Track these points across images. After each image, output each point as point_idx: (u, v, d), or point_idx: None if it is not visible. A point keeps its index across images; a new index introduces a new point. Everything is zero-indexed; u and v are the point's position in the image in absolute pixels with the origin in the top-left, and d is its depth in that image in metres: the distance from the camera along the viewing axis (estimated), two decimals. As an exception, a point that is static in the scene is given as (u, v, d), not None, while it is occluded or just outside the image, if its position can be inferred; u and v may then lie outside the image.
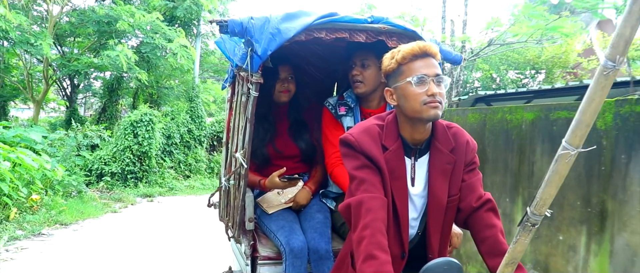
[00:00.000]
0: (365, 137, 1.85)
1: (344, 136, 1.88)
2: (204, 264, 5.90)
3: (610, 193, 3.31)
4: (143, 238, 7.09)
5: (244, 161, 2.51)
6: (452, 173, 1.92)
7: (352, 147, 1.85)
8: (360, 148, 1.83)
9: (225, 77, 3.33)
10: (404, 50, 1.81)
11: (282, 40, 2.27)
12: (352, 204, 1.77)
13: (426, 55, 1.81)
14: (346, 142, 1.87)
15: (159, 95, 16.06)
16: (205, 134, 14.65)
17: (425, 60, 1.80)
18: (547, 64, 10.96)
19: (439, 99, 1.77)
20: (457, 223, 2.02)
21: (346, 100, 2.87)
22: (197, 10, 14.05)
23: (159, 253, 6.37)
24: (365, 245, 1.64)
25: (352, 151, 1.85)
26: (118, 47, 11.92)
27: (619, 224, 3.25)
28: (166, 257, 6.19)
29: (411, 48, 1.80)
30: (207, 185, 13.29)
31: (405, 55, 1.81)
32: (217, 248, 6.46)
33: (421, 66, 1.79)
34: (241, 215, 2.68)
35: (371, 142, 1.84)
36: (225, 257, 5.99)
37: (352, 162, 1.84)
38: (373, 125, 1.91)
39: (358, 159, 1.83)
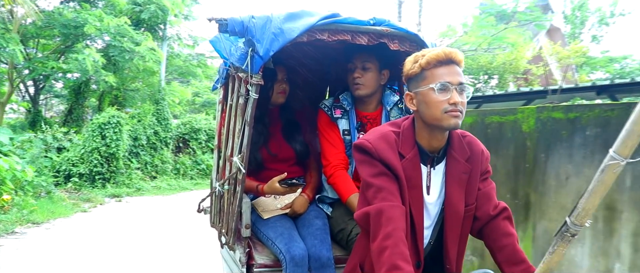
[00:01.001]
0: (383, 143, 1.78)
1: (360, 142, 1.80)
2: (176, 259, 5.97)
3: (533, 186, 3.80)
4: (115, 236, 7.15)
5: (242, 166, 2.38)
6: (468, 182, 1.86)
7: (369, 153, 1.76)
8: (378, 155, 1.75)
9: (216, 78, 3.19)
10: (428, 56, 1.74)
11: (285, 40, 2.17)
12: (371, 213, 1.69)
13: (451, 62, 1.73)
14: (363, 148, 1.78)
15: (125, 97, 15.89)
16: (171, 136, 14.63)
17: (450, 68, 1.73)
18: (499, 69, 11.66)
19: (461, 108, 1.71)
20: (472, 233, 1.95)
21: (342, 103, 2.78)
22: (163, 14, 14.01)
23: (132, 248, 6.42)
24: (388, 255, 1.57)
25: (369, 158, 1.77)
26: (86, 51, 11.83)
27: (539, 213, 3.78)
28: (140, 252, 6.24)
29: (436, 54, 1.72)
30: (174, 185, 13.30)
31: (429, 61, 1.73)
32: (188, 243, 6.62)
33: (445, 73, 1.72)
34: (236, 222, 2.56)
35: (388, 149, 1.77)
36: (197, 251, 6.17)
37: (368, 169, 1.76)
38: (389, 131, 1.83)
39: (375, 166, 1.75)
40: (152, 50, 12.97)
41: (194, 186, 13.86)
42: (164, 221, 8.45)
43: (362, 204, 1.81)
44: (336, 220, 2.73)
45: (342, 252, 2.65)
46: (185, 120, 15.92)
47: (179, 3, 14.32)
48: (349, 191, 2.60)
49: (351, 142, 2.74)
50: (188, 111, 21.46)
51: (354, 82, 2.69)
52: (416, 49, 2.42)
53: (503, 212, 1.87)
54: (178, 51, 17.15)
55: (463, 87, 1.72)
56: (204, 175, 15.09)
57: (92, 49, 12.24)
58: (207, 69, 18.53)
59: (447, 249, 1.85)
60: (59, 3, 14.67)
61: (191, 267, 5.65)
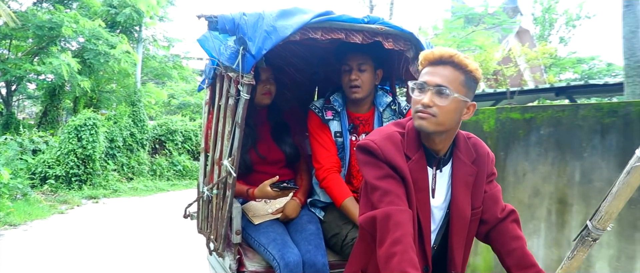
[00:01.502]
0: (389, 144, 1.70)
1: (365, 143, 1.72)
2: (157, 259, 5.96)
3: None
4: (93, 237, 7.09)
5: (232, 169, 2.28)
6: (474, 185, 1.80)
7: (374, 154, 1.69)
8: (384, 157, 1.67)
9: (202, 78, 3.06)
10: (422, 54, 1.70)
11: (278, 38, 2.08)
12: (378, 217, 1.61)
13: (441, 63, 1.66)
14: (368, 149, 1.70)
15: (100, 99, 15.70)
16: (148, 137, 14.52)
17: (437, 68, 1.66)
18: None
19: (433, 111, 1.63)
20: (478, 237, 1.89)
21: (333, 104, 2.68)
22: (138, 17, 13.89)
23: (111, 249, 6.39)
24: (397, 262, 1.50)
25: (375, 159, 1.69)
26: (62, 56, 11.68)
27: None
28: (119, 253, 6.21)
29: (426, 54, 1.69)
30: (150, 186, 13.19)
31: (422, 60, 1.71)
32: (167, 244, 6.58)
33: (428, 73, 1.67)
34: (226, 227, 2.46)
35: (395, 151, 1.69)
36: (177, 251, 6.15)
37: (374, 171, 1.68)
38: (394, 132, 1.75)
39: (381, 168, 1.67)
40: (128, 53, 12.86)
41: (170, 187, 13.76)
42: (142, 222, 8.41)
43: (366, 208, 1.74)
44: (329, 224, 2.65)
45: (336, 258, 2.55)
46: (161, 122, 15.81)
47: (154, 5, 14.19)
48: (343, 195, 2.51)
49: (343, 144, 2.67)
50: (164, 113, 21.30)
51: (351, 84, 2.59)
52: (411, 47, 2.42)
53: (511, 215, 1.83)
54: (154, 53, 17.09)
55: (442, 90, 1.63)
56: (181, 176, 15.01)
57: (68, 53, 12.12)
58: (183, 70, 18.43)
59: (452, 254, 1.79)
60: (32, 4, 14.57)
61: (173, 267, 5.66)
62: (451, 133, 1.74)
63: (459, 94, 1.63)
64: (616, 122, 3.29)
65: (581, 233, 1.49)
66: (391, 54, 2.70)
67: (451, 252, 1.79)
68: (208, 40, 2.51)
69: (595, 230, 1.41)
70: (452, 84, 1.63)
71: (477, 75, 1.67)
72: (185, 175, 15.07)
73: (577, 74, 21.49)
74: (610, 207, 1.39)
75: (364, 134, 2.68)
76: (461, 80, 1.64)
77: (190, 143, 15.85)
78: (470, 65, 1.64)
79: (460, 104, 1.66)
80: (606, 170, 3.36)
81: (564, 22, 20.51)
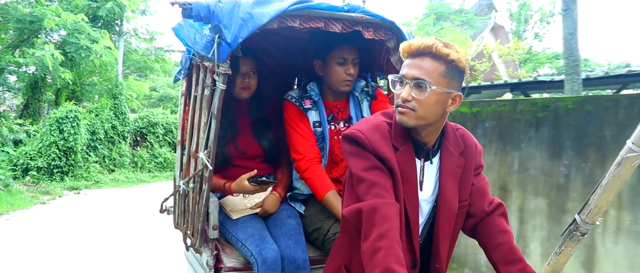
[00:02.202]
0: (376, 134, 1.62)
1: (352, 132, 1.63)
2: (138, 248, 6.09)
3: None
4: (75, 227, 7.19)
5: (208, 162, 2.20)
6: (462, 177, 1.74)
7: (361, 145, 1.60)
8: (371, 147, 1.59)
9: (178, 69, 2.94)
10: (402, 46, 1.61)
11: (255, 26, 2.00)
12: (363, 210, 1.53)
13: (419, 55, 1.58)
14: (354, 139, 1.62)
15: (82, 92, 15.63)
16: (129, 130, 14.49)
17: (415, 60, 1.58)
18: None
19: (413, 106, 1.56)
20: (464, 231, 1.83)
21: (310, 94, 2.60)
22: (120, 11, 13.84)
23: (92, 238, 6.50)
24: (381, 257, 1.43)
25: (361, 150, 1.61)
26: (45, 47, 11.57)
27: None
28: (101, 242, 6.33)
29: (404, 46, 1.60)
30: (131, 178, 13.21)
31: (401, 52, 1.62)
32: (148, 233, 6.71)
33: (407, 65, 1.59)
34: (203, 222, 2.36)
35: (382, 141, 1.62)
36: (157, 243, 6.24)
37: (360, 162, 1.60)
38: (382, 121, 1.68)
39: (368, 159, 1.59)
40: (108, 49, 12.83)
41: (151, 179, 13.80)
42: (123, 212, 8.49)
43: (350, 200, 1.66)
44: (310, 218, 2.57)
45: (317, 253, 2.49)
46: (142, 115, 15.79)
47: (136, 0, 14.19)
48: (325, 188, 2.42)
49: (323, 134, 2.59)
50: (146, 105, 21.22)
51: (348, 78, 2.52)
52: (392, 37, 2.36)
53: (498, 208, 1.77)
54: (136, 46, 17.07)
55: (419, 83, 1.55)
56: (162, 168, 15.03)
57: (51, 45, 12.01)
58: (165, 63, 18.36)
59: (438, 247, 1.72)
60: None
61: (152, 256, 5.76)
62: (437, 125, 1.67)
63: (438, 86, 1.55)
64: (548, 116, 3.66)
65: (569, 228, 1.43)
66: (372, 44, 2.64)
67: (437, 245, 1.72)
68: (183, 29, 2.39)
69: (583, 224, 1.34)
70: (431, 75, 1.55)
71: (461, 64, 1.58)
72: (167, 167, 15.09)
73: (554, 69, 22.12)
74: (599, 200, 1.32)
75: (343, 121, 2.66)
76: (441, 71, 1.55)
77: (172, 136, 15.82)
78: (451, 55, 1.55)
79: (442, 96, 1.57)
80: (539, 160, 3.73)
81: (538, 18, 21.08)
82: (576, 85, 4.92)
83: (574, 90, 4.90)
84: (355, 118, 2.65)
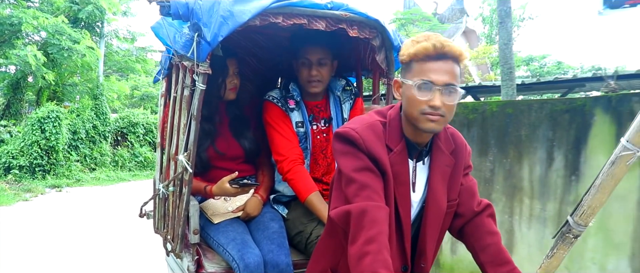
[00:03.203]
0: (370, 134, 1.55)
1: (345, 131, 1.55)
2: (120, 245, 6.28)
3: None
4: (57, 222, 7.40)
5: (188, 165, 2.12)
6: (451, 176, 1.67)
7: (355, 144, 1.53)
8: (365, 147, 1.52)
9: (158, 69, 2.83)
10: (417, 47, 1.49)
11: (235, 24, 1.91)
12: (352, 212, 1.46)
13: (444, 57, 1.47)
14: (348, 138, 1.54)
15: (63, 92, 15.77)
16: (110, 130, 14.68)
17: (441, 64, 1.47)
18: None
19: (443, 112, 1.48)
20: (451, 232, 1.77)
21: (292, 94, 2.52)
22: (100, 13, 14.01)
23: (74, 233, 6.70)
24: (369, 262, 1.37)
25: (354, 149, 1.53)
26: (28, 49, 11.73)
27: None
28: (81, 237, 6.53)
29: (425, 47, 1.47)
30: (112, 177, 13.43)
31: (417, 53, 1.49)
32: (128, 228, 6.83)
33: (432, 70, 1.47)
34: (183, 227, 2.26)
35: (376, 141, 1.54)
36: (139, 240, 6.33)
37: (352, 162, 1.52)
38: (376, 121, 1.60)
39: (360, 160, 1.52)
40: (91, 49, 12.97)
41: (132, 177, 14.01)
42: (103, 209, 8.69)
43: (338, 201, 1.59)
44: (293, 221, 2.51)
45: (300, 257, 2.41)
46: (123, 115, 15.95)
47: (116, 3, 14.30)
48: (308, 189, 2.35)
49: (305, 134, 2.54)
50: (127, 105, 21.36)
51: (311, 79, 2.47)
52: (377, 35, 2.31)
53: (487, 209, 1.71)
54: (117, 47, 17.13)
55: (451, 89, 1.47)
56: (142, 167, 15.23)
57: (34, 46, 12.20)
58: (146, 64, 18.46)
59: (424, 247, 1.65)
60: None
61: (134, 252, 5.94)
62: None
63: (460, 90, 1.50)
64: (477, 118, 4.14)
65: (561, 230, 1.40)
66: (357, 42, 2.60)
67: (423, 245, 1.66)
68: (162, 28, 2.30)
69: (576, 226, 1.31)
70: (457, 80, 1.48)
71: (464, 61, 1.53)
72: (147, 166, 15.30)
73: (530, 71, 22.87)
74: (593, 200, 1.29)
75: (323, 120, 2.61)
76: (459, 74, 1.50)
77: (152, 136, 15.99)
78: (464, 55, 1.50)
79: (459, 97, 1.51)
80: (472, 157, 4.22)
81: (509, 22, 21.73)
82: (510, 90, 5.42)
83: (508, 94, 5.42)
84: (335, 117, 2.61)
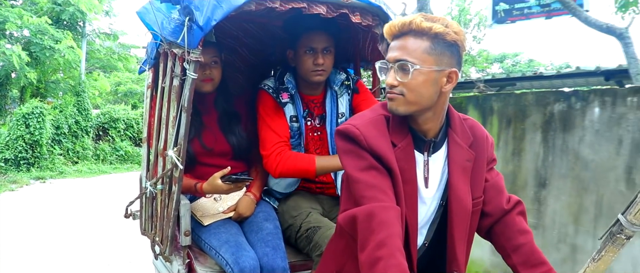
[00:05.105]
0: (373, 130, 1.43)
1: (346, 128, 1.43)
2: (102, 231, 6.59)
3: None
4: (42, 211, 7.81)
5: (178, 161, 1.96)
6: (473, 171, 1.53)
7: (357, 142, 1.41)
8: (367, 145, 1.40)
9: (143, 59, 2.59)
10: (384, 29, 1.44)
11: (230, 7, 1.77)
12: (358, 216, 1.34)
13: (401, 35, 1.40)
14: (349, 135, 1.42)
15: (46, 89, 16.14)
16: (92, 125, 15.11)
17: (398, 41, 1.40)
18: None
19: (400, 91, 1.38)
20: (479, 232, 1.62)
21: (287, 86, 2.32)
22: (82, 14, 14.42)
23: (56, 222, 7.06)
24: (382, 268, 1.23)
25: (357, 147, 1.41)
26: (14, 48, 12.10)
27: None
28: (64, 225, 6.91)
29: (387, 28, 1.42)
30: (94, 169, 13.85)
31: (385, 36, 1.45)
32: (109, 215, 7.02)
33: (389, 49, 1.42)
34: (173, 228, 2.09)
35: (379, 137, 1.42)
36: (121, 227, 6.70)
37: (355, 162, 1.41)
38: (379, 115, 1.47)
39: (364, 158, 1.40)
40: (71, 49, 13.36)
41: (113, 170, 14.42)
42: (86, 199, 9.14)
43: (348, 203, 1.48)
44: (283, 215, 2.37)
45: (297, 258, 2.27)
46: (104, 111, 16.34)
47: (96, 4, 14.66)
48: (309, 163, 2.18)
49: (300, 130, 2.35)
50: (111, 101, 21.79)
51: (317, 69, 2.26)
52: (379, 23, 2.16)
53: (517, 206, 1.57)
54: (99, 45, 17.37)
55: (402, 65, 1.37)
56: (123, 160, 15.65)
57: (19, 46, 12.55)
58: (128, 62, 18.79)
59: (454, 251, 1.51)
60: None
61: (117, 238, 6.16)
62: (436, 110, 1.45)
63: (424, 65, 1.36)
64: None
65: (611, 230, 1.28)
66: (355, 32, 2.47)
67: (452, 248, 1.51)
68: (149, 13, 2.11)
69: (630, 225, 1.19)
70: (414, 54, 1.36)
71: (450, 37, 1.37)
72: (127, 160, 15.74)
73: (503, 69, 23.85)
74: None
75: (318, 118, 2.43)
76: (425, 48, 1.37)
77: (132, 131, 16.41)
78: (434, 28, 1.35)
79: (431, 75, 1.37)
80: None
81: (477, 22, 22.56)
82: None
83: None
84: (330, 114, 2.43)
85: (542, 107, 3.62)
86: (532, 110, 3.68)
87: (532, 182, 3.70)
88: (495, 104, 3.88)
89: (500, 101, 3.89)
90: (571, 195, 3.44)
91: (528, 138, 3.71)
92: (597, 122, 3.28)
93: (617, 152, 3.18)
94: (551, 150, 3.56)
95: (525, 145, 3.73)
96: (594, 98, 3.31)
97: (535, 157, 3.66)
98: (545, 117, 3.59)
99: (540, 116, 3.61)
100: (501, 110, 3.90)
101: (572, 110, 3.43)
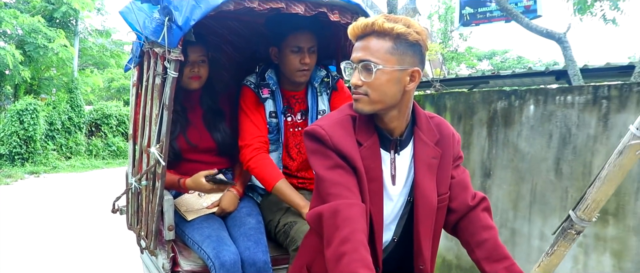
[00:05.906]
0: (338, 130, 1.46)
1: (312, 129, 1.47)
2: (94, 223, 6.77)
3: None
4: (37, 204, 8.10)
5: (160, 157, 1.99)
6: (439, 168, 1.55)
7: (322, 142, 1.44)
8: (333, 145, 1.43)
9: (129, 57, 2.60)
10: (348, 30, 1.46)
11: (208, 7, 1.78)
12: (324, 213, 1.37)
13: (364, 36, 1.42)
14: (315, 135, 1.45)
15: (39, 86, 16.35)
16: (84, 121, 15.38)
17: (361, 42, 1.42)
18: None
19: (364, 91, 1.40)
20: (446, 228, 1.64)
21: (268, 81, 2.35)
22: (75, 13, 14.68)
23: (50, 214, 7.32)
24: (346, 263, 1.26)
25: (322, 147, 1.44)
26: (7, 47, 12.35)
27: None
28: (57, 217, 7.15)
29: (350, 29, 1.44)
30: (87, 164, 14.12)
31: (350, 36, 1.46)
32: (101, 209, 7.11)
33: (355, 49, 1.43)
34: (157, 222, 2.13)
35: (345, 136, 1.45)
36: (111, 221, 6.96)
37: (322, 161, 1.44)
38: (345, 115, 1.50)
39: (329, 158, 1.43)
40: (64, 47, 13.61)
41: (105, 165, 14.73)
42: (78, 193, 9.43)
43: (316, 201, 1.50)
44: (264, 210, 2.40)
45: (279, 252, 2.29)
46: (97, 107, 16.62)
47: (89, 2, 14.87)
48: (274, 177, 2.20)
49: (278, 125, 2.39)
50: (103, 98, 21.99)
51: (303, 68, 2.28)
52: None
53: (482, 203, 1.60)
54: (91, 42, 17.50)
55: (366, 64, 1.39)
56: (115, 155, 15.93)
57: (12, 45, 12.78)
58: (120, 59, 18.87)
59: (420, 247, 1.53)
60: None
61: (108, 230, 6.30)
62: (401, 108, 1.48)
63: (386, 65, 1.39)
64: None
65: (562, 226, 1.31)
66: (337, 29, 2.46)
67: (418, 244, 1.53)
68: (131, 13, 2.13)
69: (579, 221, 1.22)
70: (376, 55, 1.39)
71: (412, 37, 1.40)
72: (119, 155, 16.01)
73: (492, 65, 24.15)
74: (598, 193, 1.20)
75: (300, 113, 2.46)
76: (388, 48, 1.39)
77: (124, 127, 16.66)
78: (396, 28, 1.38)
79: (394, 74, 1.40)
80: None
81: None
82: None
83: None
84: (311, 110, 2.45)
85: (487, 105, 3.98)
86: (479, 107, 4.04)
87: (479, 172, 4.06)
88: (448, 102, 4.26)
89: (453, 99, 4.27)
90: (511, 184, 3.80)
91: (475, 133, 4.07)
92: (532, 118, 3.64)
93: (548, 145, 3.54)
94: (495, 144, 3.92)
95: (473, 139, 4.09)
96: (530, 97, 3.66)
97: (482, 150, 4.03)
98: (489, 114, 3.95)
99: (486, 113, 3.97)
100: (453, 107, 4.27)
101: (511, 108, 3.79)
